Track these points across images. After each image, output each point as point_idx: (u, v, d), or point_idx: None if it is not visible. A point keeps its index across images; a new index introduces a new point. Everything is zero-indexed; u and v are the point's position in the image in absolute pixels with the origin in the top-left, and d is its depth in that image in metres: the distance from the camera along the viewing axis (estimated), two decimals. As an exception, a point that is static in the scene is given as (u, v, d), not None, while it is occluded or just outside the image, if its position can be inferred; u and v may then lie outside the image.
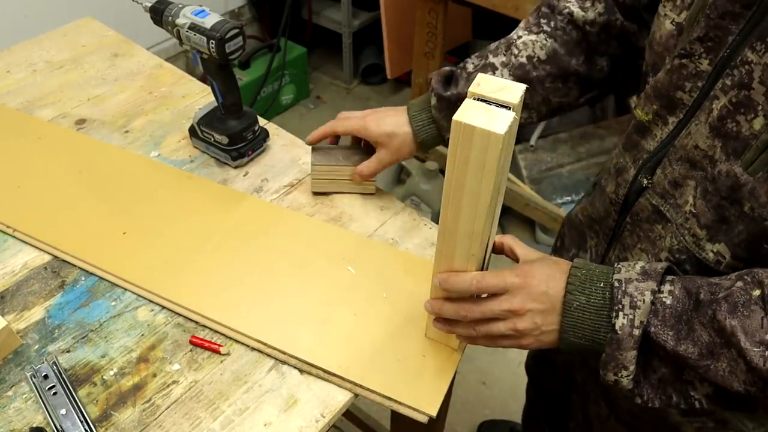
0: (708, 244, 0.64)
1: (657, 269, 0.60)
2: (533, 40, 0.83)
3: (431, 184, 2.12)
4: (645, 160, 0.71)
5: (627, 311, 0.59)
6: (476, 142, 0.51)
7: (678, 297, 0.58)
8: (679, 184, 0.66)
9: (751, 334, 0.53)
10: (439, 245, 0.63)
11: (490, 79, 0.54)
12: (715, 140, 0.61)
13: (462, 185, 0.55)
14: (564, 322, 0.63)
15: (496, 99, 0.53)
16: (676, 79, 0.65)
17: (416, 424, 0.72)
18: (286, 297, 0.81)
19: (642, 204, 0.72)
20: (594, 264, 0.65)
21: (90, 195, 0.95)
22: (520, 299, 0.64)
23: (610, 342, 0.60)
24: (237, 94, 0.98)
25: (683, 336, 0.57)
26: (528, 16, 0.87)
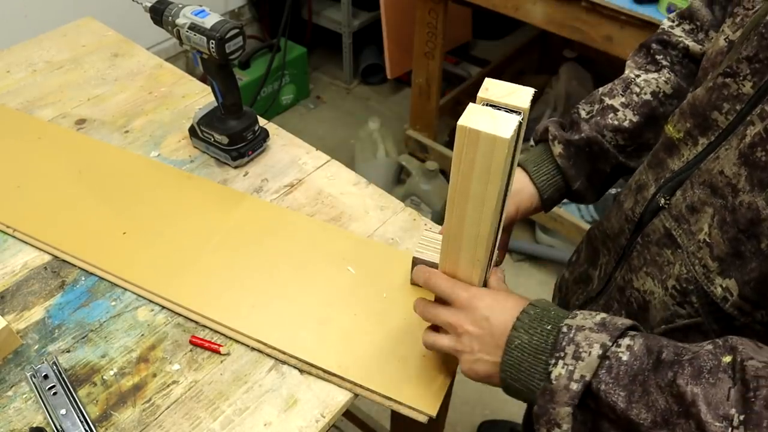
0: (718, 278, 0.60)
1: (617, 324, 0.55)
2: (654, 77, 0.80)
3: (431, 184, 2.12)
4: (667, 179, 0.68)
5: (568, 361, 0.54)
6: (481, 147, 0.51)
7: (636, 354, 0.53)
8: (697, 209, 0.62)
9: (714, 405, 0.46)
10: (444, 250, 0.63)
11: (497, 83, 0.54)
12: (742, 168, 0.57)
13: (467, 190, 0.55)
14: (503, 360, 0.59)
15: (505, 104, 0.52)
16: (715, 99, 0.62)
17: (416, 424, 0.72)
18: (286, 297, 0.81)
19: (655, 225, 0.68)
20: (555, 306, 0.61)
21: (90, 195, 0.95)
22: (462, 317, 0.62)
23: (542, 392, 0.55)
24: (237, 94, 0.98)
25: (636, 398, 0.51)
26: (633, 57, 0.84)
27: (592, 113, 0.82)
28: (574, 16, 1.56)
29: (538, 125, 0.85)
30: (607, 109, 0.81)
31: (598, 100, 0.82)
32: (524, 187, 0.81)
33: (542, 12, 1.62)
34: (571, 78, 2.35)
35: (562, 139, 0.80)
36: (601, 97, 0.82)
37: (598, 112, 0.81)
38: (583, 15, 1.54)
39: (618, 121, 0.80)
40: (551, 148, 0.81)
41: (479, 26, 2.82)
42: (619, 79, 0.83)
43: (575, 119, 0.82)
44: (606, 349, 0.53)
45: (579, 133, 0.80)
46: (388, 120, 2.46)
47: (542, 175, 0.81)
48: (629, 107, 0.80)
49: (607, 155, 0.81)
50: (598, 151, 0.80)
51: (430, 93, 2.14)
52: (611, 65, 2.36)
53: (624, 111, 0.80)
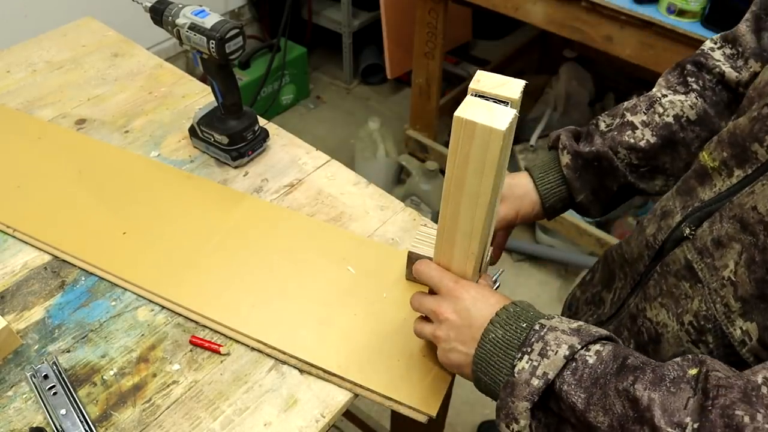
0: (739, 320, 0.57)
1: (592, 332, 0.55)
2: (681, 99, 0.77)
3: (431, 184, 2.12)
4: (695, 208, 0.64)
5: (534, 357, 0.54)
6: (477, 139, 0.51)
7: (602, 358, 0.53)
8: (723, 244, 0.59)
9: (670, 412, 0.46)
10: (438, 243, 0.63)
11: (489, 75, 0.54)
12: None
13: (462, 183, 0.55)
14: (476, 353, 0.59)
15: (496, 95, 0.53)
16: (758, 130, 0.59)
17: (416, 424, 0.72)
18: (286, 297, 0.81)
19: (676, 255, 0.65)
20: (535, 309, 0.61)
21: (90, 195, 0.95)
22: (445, 305, 0.63)
23: (505, 385, 0.55)
24: (237, 94, 0.98)
25: (594, 401, 0.50)
26: (666, 74, 0.81)
27: (611, 127, 0.80)
28: (574, 16, 1.56)
29: (553, 132, 0.83)
30: (625, 125, 0.78)
31: (620, 114, 0.80)
32: (527, 193, 0.80)
33: (542, 12, 1.62)
34: (571, 78, 2.35)
35: (571, 150, 0.79)
36: (623, 111, 0.80)
37: (617, 126, 0.79)
38: (583, 15, 1.54)
39: (634, 139, 0.77)
40: (560, 157, 0.80)
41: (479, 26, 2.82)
42: (646, 95, 0.80)
43: (591, 130, 0.81)
44: (574, 351, 0.53)
45: (590, 145, 0.78)
46: (388, 120, 2.46)
47: (546, 183, 0.80)
48: (649, 127, 0.77)
49: (616, 173, 0.79)
50: (607, 167, 0.79)
51: (430, 93, 2.14)
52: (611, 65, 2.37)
53: (643, 130, 0.77)
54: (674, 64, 0.81)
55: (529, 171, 0.82)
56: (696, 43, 1.36)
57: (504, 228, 0.82)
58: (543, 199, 0.80)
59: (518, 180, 0.81)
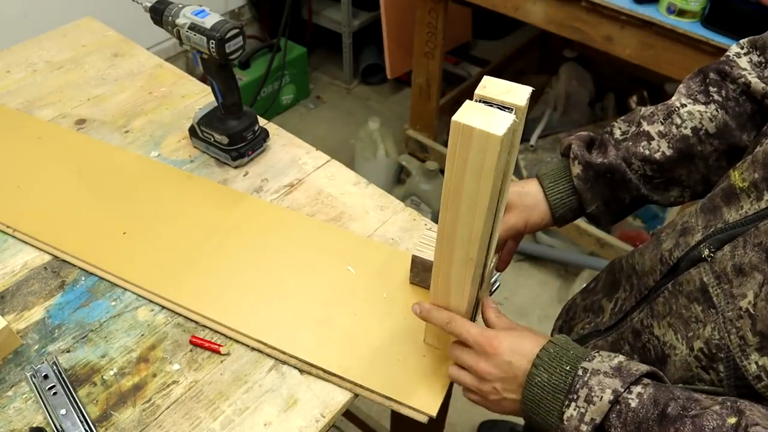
0: (755, 354, 0.54)
1: (632, 370, 0.56)
2: (701, 110, 0.72)
3: (431, 184, 2.12)
4: (718, 229, 0.61)
5: (580, 404, 0.55)
6: (475, 144, 0.51)
7: (644, 403, 0.54)
8: (744, 272, 0.56)
9: None
10: (438, 249, 0.63)
11: (496, 81, 0.54)
12: None
13: (460, 188, 0.55)
14: (524, 395, 0.61)
15: (501, 101, 0.52)
16: None
17: (416, 424, 0.72)
18: (286, 297, 0.81)
19: (692, 275, 0.62)
20: (574, 344, 0.61)
21: (90, 195, 0.95)
22: (484, 364, 0.64)
23: (555, 431, 0.57)
24: (237, 94, 0.98)
25: None
26: (688, 81, 0.76)
27: (626, 135, 0.76)
28: (574, 16, 1.56)
29: (565, 138, 0.81)
30: (641, 135, 0.75)
31: (636, 122, 0.76)
32: (537, 203, 0.79)
33: (542, 12, 1.62)
34: (571, 78, 2.35)
35: (582, 160, 0.76)
36: (640, 119, 0.76)
37: (632, 136, 0.75)
38: (583, 15, 1.54)
39: (650, 151, 0.74)
40: (571, 167, 0.77)
41: (479, 26, 2.82)
42: (664, 104, 0.76)
43: (605, 140, 0.77)
44: (618, 394, 0.54)
45: (604, 157, 0.75)
46: (388, 120, 2.46)
47: (557, 193, 0.78)
48: (665, 138, 0.74)
49: (628, 185, 0.76)
50: (620, 180, 0.76)
51: (430, 93, 2.14)
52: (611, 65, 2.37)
53: (659, 141, 0.74)
54: (697, 69, 0.76)
55: (540, 179, 0.79)
56: (696, 43, 1.36)
57: (513, 237, 0.81)
58: (553, 209, 0.78)
59: (528, 188, 0.79)
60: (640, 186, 0.76)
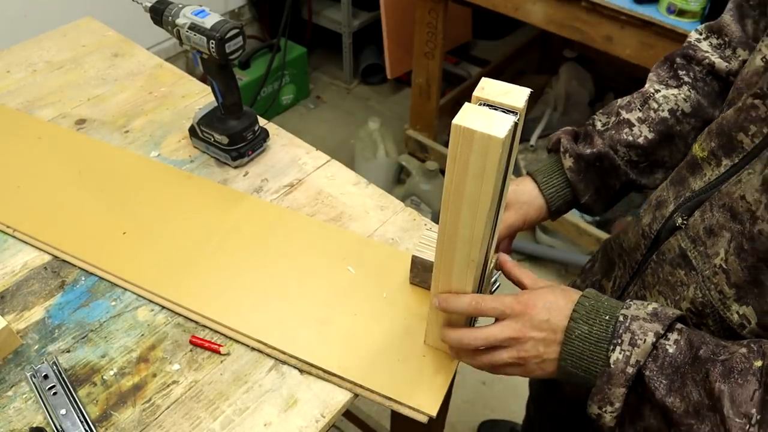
0: (735, 305, 0.60)
1: (668, 314, 0.58)
2: (674, 93, 0.78)
3: (431, 184, 2.12)
4: (687, 198, 0.67)
5: (625, 347, 0.57)
6: (476, 147, 0.51)
7: (681, 348, 0.56)
8: (714, 233, 0.62)
9: (738, 403, 0.50)
10: (439, 250, 0.63)
11: (494, 83, 0.54)
12: (763, 195, 0.57)
13: (461, 190, 0.55)
14: (563, 350, 0.61)
15: (500, 103, 0.52)
16: (743, 120, 0.61)
17: (416, 424, 0.72)
18: (286, 297, 0.81)
19: (671, 244, 0.68)
20: (605, 296, 0.63)
21: (90, 195, 0.95)
22: (521, 326, 0.63)
23: (601, 374, 0.59)
24: (237, 94, 0.98)
25: (675, 388, 0.55)
26: (656, 69, 0.82)
27: (607, 126, 0.80)
28: (574, 16, 1.56)
29: (552, 134, 0.83)
30: (622, 124, 0.79)
31: (615, 112, 0.81)
32: (533, 199, 0.81)
33: (542, 12, 1.62)
34: (571, 78, 2.35)
35: (573, 153, 0.80)
36: (618, 109, 0.81)
37: (614, 125, 0.80)
38: (583, 15, 1.54)
39: (633, 137, 0.78)
40: (562, 160, 0.81)
41: (479, 26, 2.82)
42: (639, 92, 0.81)
43: (589, 131, 0.81)
44: (659, 336, 0.57)
45: (591, 147, 0.79)
46: (388, 120, 2.46)
47: (551, 187, 0.81)
48: (645, 123, 0.78)
49: (617, 171, 0.80)
50: (609, 167, 0.80)
51: (430, 93, 2.14)
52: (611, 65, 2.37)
53: (640, 127, 0.78)
54: (662, 58, 0.82)
55: (532, 175, 0.82)
56: (696, 43, 1.36)
57: (510, 235, 0.83)
58: (549, 202, 0.81)
59: (523, 186, 0.82)
60: (628, 171, 0.80)
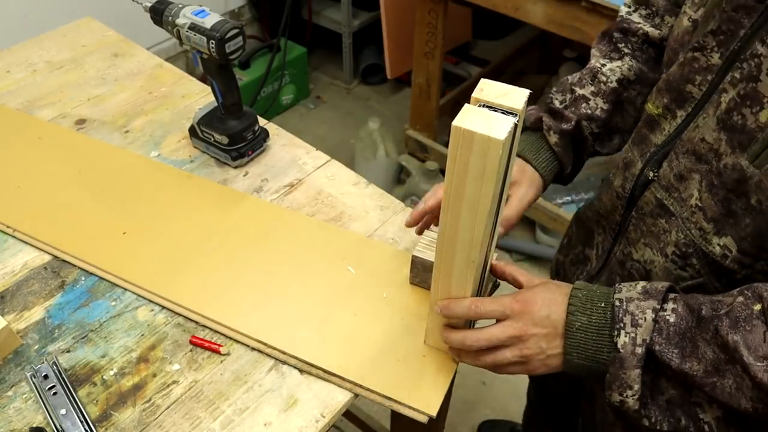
0: (715, 238, 0.64)
1: (658, 288, 0.60)
2: (619, 65, 0.84)
3: (431, 184, 2.12)
4: (652, 153, 0.72)
5: (629, 329, 0.59)
6: (476, 148, 0.51)
7: (681, 314, 0.58)
8: (684, 177, 0.67)
9: (753, 349, 0.52)
10: (439, 251, 0.63)
11: (493, 84, 0.54)
12: (721, 133, 0.62)
13: (461, 192, 0.55)
14: (567, 344, 0.63)
15: (499, 105, 0.52)
16: (687, 72, 0.66)
17: (416, 424, 0.72)
18: (286, 297, 0.81)
19: (647, 198, 0.73)
20: (595, 285, 0.65)
21: (90, 195, 0.95)
22: (523, 324, 0.64)
23: (612, 361, 0.60)
24: (237, 94, 0.98)
25: (688, 353, 0.56)
26: (597, 45, 0.88)
27: (566, 103, 0.85)
28: (574, 16, 1.56)
29: (529, 113, 0.87)
30: (579, 99, 0.84)
31: (569, 89, 0.86)
32: (534, 175, 0.84)
33: (542, 12, 1.62)
34: (571, 78, 2.34)
35: (557, 129, 0.84)
36: (571, 87, 0.86)
37: (571, 102, 0.85)
38: (583, 15, 1.54)
39: (591, 110, 0.84)
40: (547, 137, 0.84)
41: (479, 26, 2.82)
42: (587, 69, 0.87)
43: (556, 109, 0.85)
44: (657, 311, 0.58)
45: (568, 123, 0.84)
46: (388, 120, 2.46)
47: (542, 162, 0.85)
48: (599, 96, 0.84)
49: (585, 144, 0.85)
50: (581, 140, 0.85)
51: (430, 93, 2.14)
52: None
53: (595, 99, 0.84)
54: (600, 33, 0.89)
55: (521, 155, 0.84)
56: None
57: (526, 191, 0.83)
58: (544, 177, 0.85)
59: (520, 164, 0.84)
60: (593, 143, 0.86)
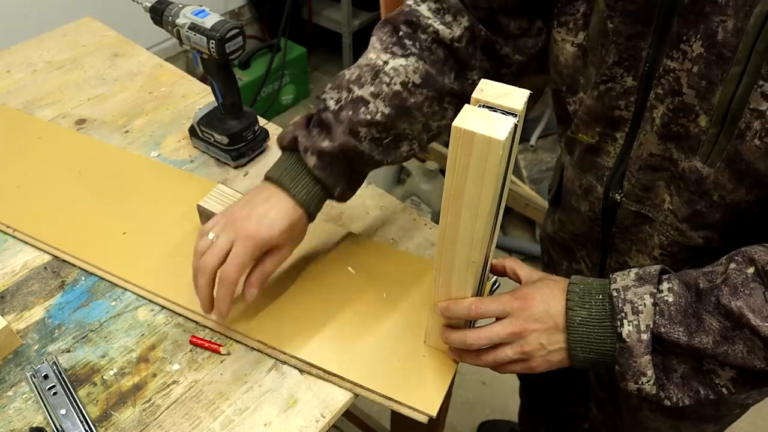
0: (693, 233, 0.66)
1: (651, 272, 0.61)
2: (403, 64, 0.73)
3: (431, 184, 2.12)
4: (609, 176, 0.72)
5: (630, 318, 0.59)
6: (476, 149, 0.51)
7: (678, 292, 0.58)
8: (650, 187, 0.68)
9: (758, 311, 0.53)
10: (439, 252, 0.63)
11: (493, 84, 0.54)
12: (667, 143, 0.63)
13: (461, 192, 0.55)
14: (570, 339, 0.63)
15: (499, 105, 0.52)
16: (608, 101, 0.66)
17: (416, 424, 0.72)
18: (286, 297, 0.81)
19: (623, 214, 0.73)
20: (591, 278, 0.65)
21: (90, 195, 0.95)
22: (522, 321, 0.64)
23: (620, 352, 0.60)
24: (237, 94, 0.98)
25: (694, 329, 0.57)
26: (378, 33, 0.77)
27: (341, 104, 0.74)
28: (573, 16, 1.56)
29: (284, 131, 0.76)
30: (358, 102, 0.73)
31: (346, 87, 0.74)
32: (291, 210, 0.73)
33: (542, 12, 1.62)
34: (571, 78, 2.34)
35: (314, 150, 0.72)
36: (349, 85, 0.74)
37: (348, 104, 0.73)
38: (583, 15, 1.53)
39: (370, 115, 0.72)
40: (304, 159, 0.73)
41: (479, 26, 2.82)
42: (366, 64, 0.74)
43: (325, 118, 0.73)
44: (654, 295, 0.59)
45: (331, 140, 0.72)
46: (388, 120, 2.45)
47: (302, 189, 0.74)
48: (380, 98, 0.73)
49: (363, 157, 0.74)
50: (354, 156, 0.74)
51: (430, 93, 2.14)
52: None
53: (375, 102, 0.73)
54: (383, 20, 0.78)
55: (278, 182, 0.74)
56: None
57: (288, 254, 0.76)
58: (307, 208, 0.74)
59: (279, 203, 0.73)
60: (373, 153, 0.74)
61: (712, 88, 0.57)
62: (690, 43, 0.57)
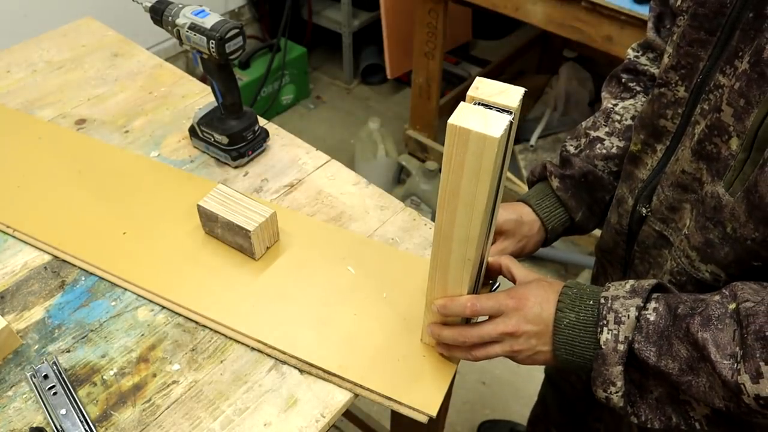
0: (702, 265, 0.65)
1: (644, 286, 0.61)
2: (632, 103, 0.83)
3: (431, 184, 2.12)
4: (640, 189, 0.73)
5: (611, 327, 0.59)
6: (471, 146, 0.51)
7: (661, 313, 0.58)
8: (676, 208, 0.68)
9: (722, 347, 0.52)
10: (435, 249, 0.63)
11: (488, 82, 0.54)
12: (700, 163, 0.63)
13: (457, 190, 0.55)
14: (555, 340, 0.64)
15: (495, 102, 0.52)
16: (658, 108, 0.68)
17: (416, 424, 0.72)
18: (286, 297, 0.81)
19: (646, 231, 0.73)
20: (587, 284, 0.66)
21: (90, 195, 0.95)
22: (516, 321, 0.65)
23: (596, 357, 0.60)
24: (237, 94, 0.98)
25: (664, 351, 0.57)
26: (607, 88, 0.88)
27: (580, 147, 0.85)
28: (574, 16, 1.56)
29: (534, 166, 0.87)
30: (594, 141, 0.83)
31: (583, 134, 0.85)
32: (532, 231, 0.83)
33: (542, 12, 1.62)
34: (571, 78, 2.35)
35: (557, 173, 0.84)
36: (586, 131, 0.85)
37: (586, 145, 0.84)
38: (583, 15, 1.54)
39: (606, 149, 0.82)
40: (550, 182, 0.85)
41: (479, 26, 2.82)
42: (599, 111, 0.86)
43: (565, 156, 0.85)
44: (640, 309, 0.59)
45: (572, 167, 0.83)
46: (388, 120, 2.46)
47: (545, 208, 0.84)
48: (614, 135, 0.83)
49: (602, 182, 0.83)
50: (593, 180, 0.83)
51: (430, 93, 2.15)
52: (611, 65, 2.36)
53: (610, 139, 0.83)
54: (609, 77, 0.89)
55: (526, 201, 0.85)
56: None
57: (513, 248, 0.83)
58: (545, 222, 0.84)
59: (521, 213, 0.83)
60: (614, 181, 0.84)
61: (749, 109, 0.55)
62: (742, 59, 0.56)
